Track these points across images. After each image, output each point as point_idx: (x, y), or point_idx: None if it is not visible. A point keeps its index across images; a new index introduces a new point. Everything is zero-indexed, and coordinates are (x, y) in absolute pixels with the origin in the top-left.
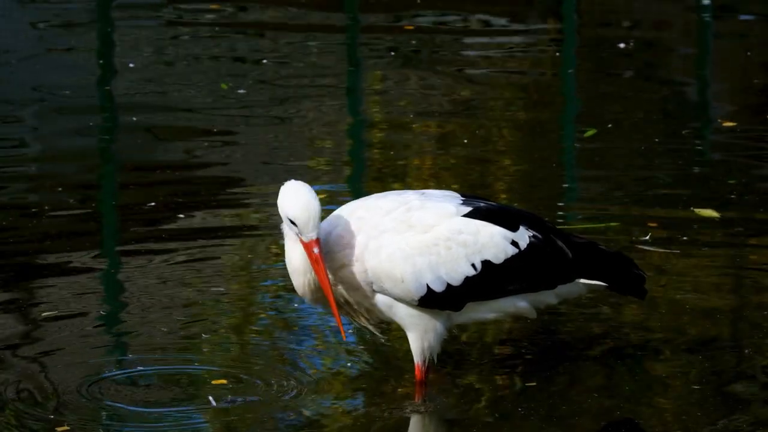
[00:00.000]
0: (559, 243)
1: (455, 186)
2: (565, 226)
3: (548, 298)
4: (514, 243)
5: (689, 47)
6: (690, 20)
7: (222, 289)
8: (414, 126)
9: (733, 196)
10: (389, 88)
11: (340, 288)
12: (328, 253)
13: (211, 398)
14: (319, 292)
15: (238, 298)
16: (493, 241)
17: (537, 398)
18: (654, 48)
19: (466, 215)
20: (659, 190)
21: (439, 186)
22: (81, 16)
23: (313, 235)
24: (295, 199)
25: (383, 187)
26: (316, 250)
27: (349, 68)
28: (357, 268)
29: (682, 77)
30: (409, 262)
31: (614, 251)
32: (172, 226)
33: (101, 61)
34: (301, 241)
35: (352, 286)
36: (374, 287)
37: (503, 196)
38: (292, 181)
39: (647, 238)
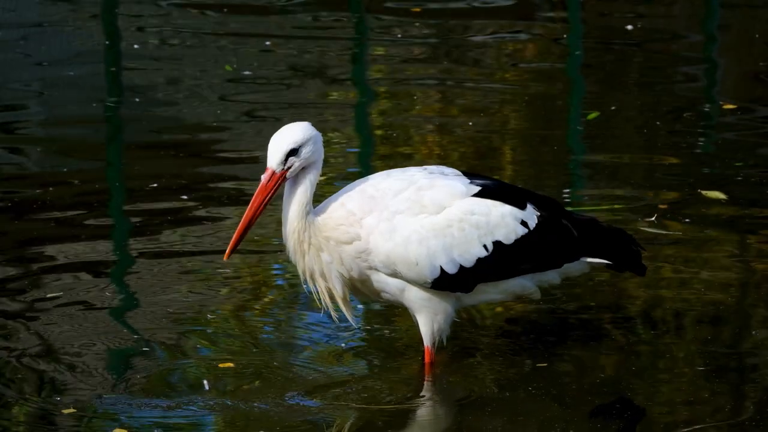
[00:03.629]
0: (565, 221)
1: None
2: (571, 208)
3: (553, 277)
4: (524, 223)
5: (696, 27)
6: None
7: (229, 269)
8: (418, 108)
9: (739, 178)
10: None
11: (335, 265)
12: (330, 224)
13: (205, 382)
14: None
15: (245, 278)
16: (504, 222)
17: (548, 378)
18: (660, 30)
19: (476, 195)
20: (665, 173)
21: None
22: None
23: (270, 165)
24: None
25: (391, 162)
26: (263, 177)
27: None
28: (358, 247)
29: (688, 58)
30: (424, 245)
31: (615, 228)
32: (177, 205)
33: (107, 42)
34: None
35: (347, 263)
36: (386, 271)
37: (508, 179)
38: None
39: (653, 219)
